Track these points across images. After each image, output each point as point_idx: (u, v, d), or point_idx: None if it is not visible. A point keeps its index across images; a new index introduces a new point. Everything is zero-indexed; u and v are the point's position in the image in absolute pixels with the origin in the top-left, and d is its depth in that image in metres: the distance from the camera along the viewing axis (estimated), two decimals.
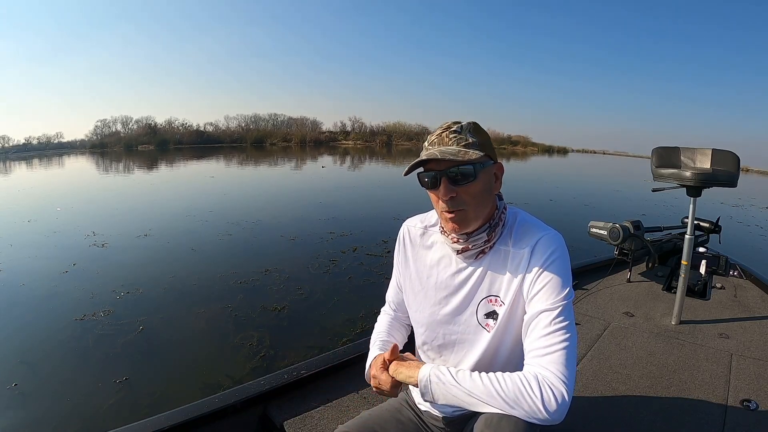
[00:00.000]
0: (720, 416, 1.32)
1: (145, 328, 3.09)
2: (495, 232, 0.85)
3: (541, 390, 0.71)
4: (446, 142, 0.80)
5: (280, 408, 1.29)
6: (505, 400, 0.72)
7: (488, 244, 0.85)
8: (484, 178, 0.81)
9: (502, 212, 0.87)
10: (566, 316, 0.78)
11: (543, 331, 0.77)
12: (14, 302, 3.60)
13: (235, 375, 2.52)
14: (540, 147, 65.75)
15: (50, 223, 6.64)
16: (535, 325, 0.78)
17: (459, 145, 0.80)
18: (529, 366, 0.76)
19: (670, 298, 2.27)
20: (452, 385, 0.76)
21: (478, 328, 0.87)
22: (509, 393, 0.72)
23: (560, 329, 0.76)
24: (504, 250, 0.85)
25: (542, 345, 0.76)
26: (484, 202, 0.83)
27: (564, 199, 10.70)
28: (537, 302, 0.80)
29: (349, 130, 61.72)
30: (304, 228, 6.37)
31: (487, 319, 0.86)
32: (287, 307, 3.50)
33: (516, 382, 0.73)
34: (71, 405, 2.25)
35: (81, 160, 27.09)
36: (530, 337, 0.79)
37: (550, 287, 0.79)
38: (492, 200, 0.85)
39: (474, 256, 0.87)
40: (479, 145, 0.81)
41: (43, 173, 18.70)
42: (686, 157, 1.98)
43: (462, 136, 0.81)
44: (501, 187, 0.86)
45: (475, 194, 0.81)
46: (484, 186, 0.82)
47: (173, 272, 4.33)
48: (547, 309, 0.78)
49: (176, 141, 48.04)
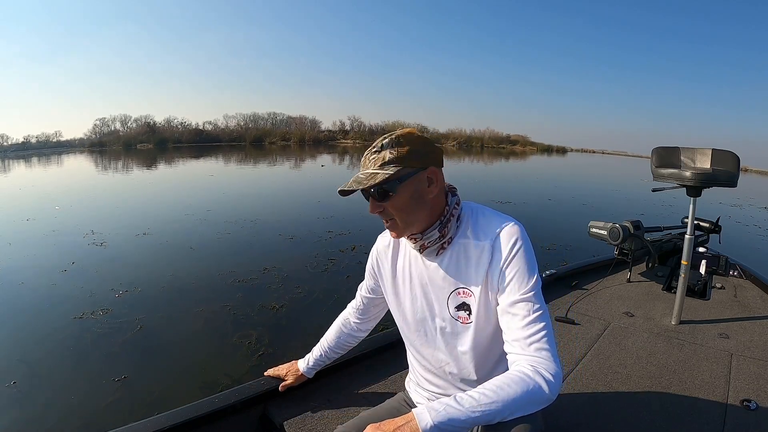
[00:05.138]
0: (720, 416, 1.32)
1: (144, 327, 3.09)
2: (447, 228, 0.88)
3: (543, 378, 0.74)
4: (366, 164, 0.86)
5: (280, 408, 1.29)
6: (520, 403, 0.72)
7: (444, 239, 0.88)
8: (407, 189, 0.84)
9: (454, 208, 0.89)
10: (539, 301, 0.82)
11: (522, 321, 0.80)
12: (13, 301, 3.59)
13: (234, 374, 2.52)
14: (539, 146, 65.80)
15: (49, 222, 6.62)
16: (513, 315, 0.82)
17: (375, 165, 0.83)
18: (519, 357, 0.79)
19: (670, 298, 2.27)
20: (460, 412, 0.70)
21: (452, 321, 0.91)
22: (521, 394, 0.72)
23: (537, 317, 0.80)
24: (464, 243, 0.88)
25: (525, 335, 0.79)
26: (414, 210, 0.86)
27: (563, 199, 10.70)
28: (510, 293, 0.83)
29: (348, 130, 61.68)
30: (302, 227, 6.37)
31: (459, 311, 0.90)
32: (286, 306, 3.50)
33: (519, 382, 0.73)
34: (70, 404, 2.25)
35: (80, 159, 27.04)
36: (510, 328, 0.82)
37: (520, 277, 0.83)
38: (427, 204, 0.87)
39: (435, 252, 0.90)
40: (397, 160, 0.83)
41: (41, 172, 18.66)
42: (686, 157, 1.98)
43: (381, 154, 0.84)
44: (438, 189, 0.86)
45: (400, 206, 0.85)
46: (410, 196, 0.85)
47: (172, 271, 4.32)
48: (520, 299, 0.81)
49: (175, 140, 47.96)
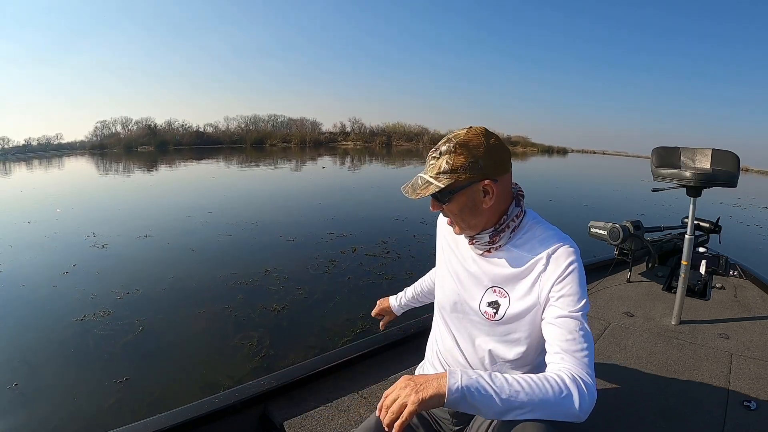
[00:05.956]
0: (720, 416, 1.32)
1: (146, 329, 3.09)
2: (499, 236, 0.89)
3: (578, 389, 0.72)
4: (426, 168, 0.87)
5: (280, 408, 1.29)
6: (546, 405, 0.70)
7: (494, 245, 0.90)
8: (460, 199, 0.85)
9: (512, 219, 0.89)
10: (586, 323, 0.81)
11: (569, 335, 0.79)
12: (15, 303, 3.60)
13: (235, 375, 2.52)
14: (539, 147, 65.85)
15: (50, 225, 6.64)
16: (560, 328, 0.80)
17: (433, 172, 0.85)
18: (560, 364, 0.76)
19: (670, 298, 2.27)
20: (489, 387, 0.69)
21: (479, 314, 0.93)
22: (551, 397, 0.70)
23: (583, 336, 0.79)
24: (518, 252, 0.89)
25: (571, 349, 0.77)
26: (468, 217, 0.87)
27: (564, 199, 10.72)
28: (559, 308, 0.82)
29: (349, 131, 61.67)
30: (303, 229, 6.38)
31: (489, 307, 0.91)
32: (287, 307, 3.51)
33: (554, 384, 0.71)
34: (72, 405, 2.26)
35: (81, 161, 27.08)
36: (555, 340, 0.80)
37: (572, 295, 0.82)
38: (483, 213, 0.87)
39: (483, 250, 0.92)
40: (452, 170, 0.83)
41: (43, 174, 18.69)
42: (686, 157, 1.98)
43: (438, 162, 0.85)
44: (493, 200, 0.85)
45: (455, 212, 0.87)
46: (464, 205, 0.86)
47: (173, 273, 4.33)
48: (569, 316, 0.81)
49: (176, 142, 47.88)
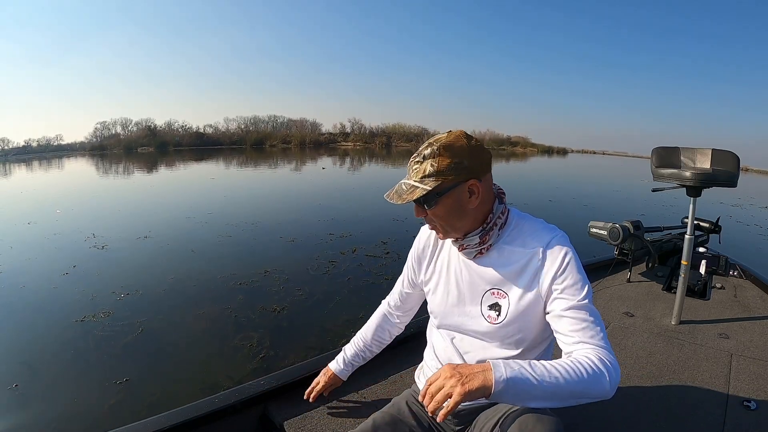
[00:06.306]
0: (720, 416, 1.31)
1: (146, 330, 3.09)
2: (489, 236, 0.89)
3: (606, 368, 0.73)
4: (410, 174, 0.87)
5: (280, 408, 1.29)
6: (580, 387, 0.71)
7: (485, 245, 0.90)
8: (446, 201, 0.85)
9: (498, 217, 0.90)
10: (594, 308, 0.83)
11: (581, 324, 0.80)
12: (15, 304, 3.60)
13: (235, 375, 2.52)
14: (539, 147, 65.87)
15: (50, 226, 6.64)
16: (571, 318, 0.81)
17: (417, 177, 0.85)
18: (584, 350, 0.77)
19: (670, 298, 2.27)
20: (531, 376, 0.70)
21: (481, 318, 0.92)
22: (586, 379, 0.71)
23: (594, 321, 0.81)
24: (509, 249, 0.89)
25: (588, 335, 0.79)
26: (455, 219, 0.87)
27: (564, 200, 10.71)
28: (566, 299, 0.83)
29: (349, 132, 61.71)
30: (303, 229, 6.37)
31: (490, 310, 0.91)
32: (287, 308, 3.51)
33: (587, 366, 0.73)
34: (72, 405, 2.26)
35: (81, 163, 27.10)
36: (568, 330, 0.81)
37: (575, 285, 0.83)
38: (469, 213, 0.87)
39: (475, 254, 0.91)
40: (437, 173, 0.83)
41: (43, 175, 18.70)
42: (686, 157, 1.98)
43: (422, 166, 0.84)
44: (479, 200, 0.86)
45: (440, 215, 0.87)
46: (450, 207, 0.85)
47: (173, 274, 4.33)
48: (578, 305, 0.82)
49: (176, 143, 47.95)
